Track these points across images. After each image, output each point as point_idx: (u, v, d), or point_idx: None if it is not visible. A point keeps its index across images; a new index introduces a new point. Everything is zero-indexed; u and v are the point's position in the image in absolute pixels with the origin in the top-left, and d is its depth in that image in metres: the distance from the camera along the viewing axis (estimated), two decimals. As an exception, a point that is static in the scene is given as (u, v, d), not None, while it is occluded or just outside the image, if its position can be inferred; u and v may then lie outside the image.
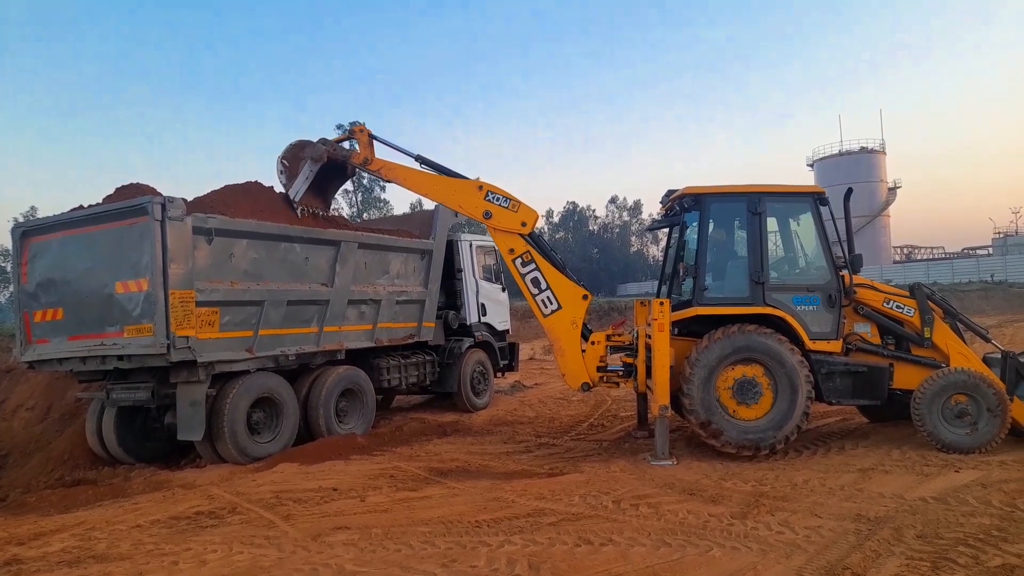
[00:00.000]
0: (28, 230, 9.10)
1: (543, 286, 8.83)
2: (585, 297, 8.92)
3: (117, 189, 9.25)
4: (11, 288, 10.27)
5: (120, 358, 8.27)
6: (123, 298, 8.12)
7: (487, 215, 8.96)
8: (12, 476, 9.44)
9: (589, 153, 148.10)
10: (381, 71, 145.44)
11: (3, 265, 60.70)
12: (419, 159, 9.58)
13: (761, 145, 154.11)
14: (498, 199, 8.99)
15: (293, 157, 10.00)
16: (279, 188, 10.11)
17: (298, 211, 9.78)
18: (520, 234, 8.95)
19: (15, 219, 52.92)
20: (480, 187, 9.12)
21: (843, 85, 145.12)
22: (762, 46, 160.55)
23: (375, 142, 9.91)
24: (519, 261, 8.92)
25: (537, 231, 9.24)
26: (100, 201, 8.95)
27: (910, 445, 8.05)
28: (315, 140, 10.02)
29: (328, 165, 10.02)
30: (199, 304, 8.16)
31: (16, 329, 9.21)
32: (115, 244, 8.22)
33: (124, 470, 8.84)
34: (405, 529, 5.67)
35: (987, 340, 8.85)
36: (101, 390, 9.11)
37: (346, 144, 10.29)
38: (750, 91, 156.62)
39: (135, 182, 9.35)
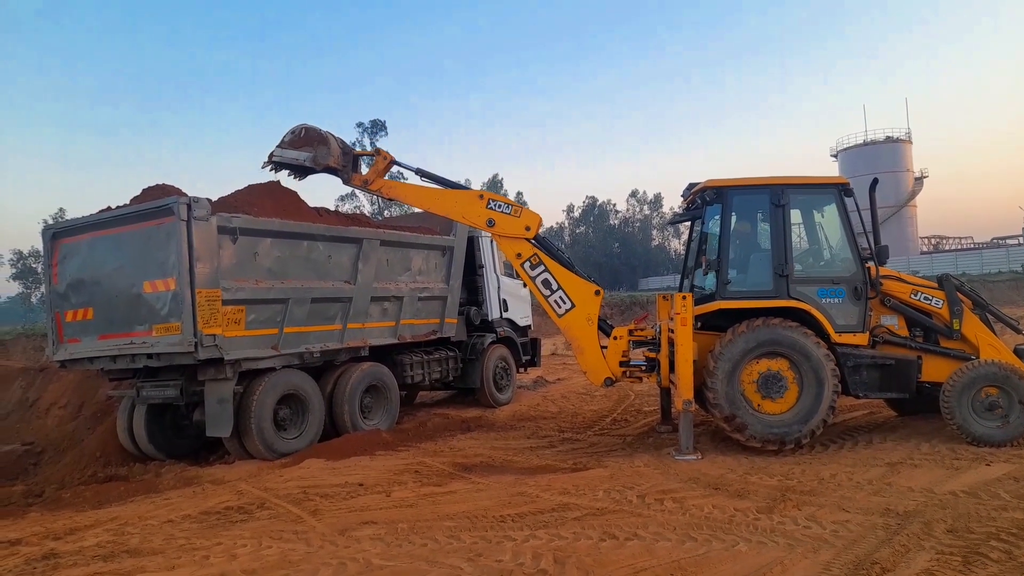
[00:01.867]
0: (58, 232, 9.29)
1: (554, 286, 8.82)
2: (597, 293, 8.89)
3: (144, 190, 9.40)
4: (43, 289, 10.43)
5: (149, 356, 8.43)
6: (151, 297, 8.27)
7: (490, 223, 8.96)
8: (47, 472, 9.65)
9: (609, 147, 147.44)
10: (397, 65, 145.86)
11: (35, 266, 61.88)
12: (419, 172, 9.45)
13: (784, 136, 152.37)
14: (500, 206, 8.99)
15: (305, 138, 9.50)
16: (298, 183, 9.89)
17: (267, 161, 9.35)
18: (525, 238, 8.96)
19: (45, 221, 53.92)
20: (481, 196, 9.14)
21: (868, 74, 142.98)
22: (784, 36, 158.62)
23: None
24: (527, 265, 8.91)
25: (553, 230, 9.23)
26: (127, 202, 9.10)
27: (939, 438, 7.94)
28: (339, 140, 9.59)
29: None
30: (225, 303, 8.28)
31: (48, 329, 9.41)
32: (142, 244, 8.36)
33: (155, 466, 9.01)
34: (431, 524, 5.72)
35: (1018, 331, 8.70)
36: (131, 388, 9.29)
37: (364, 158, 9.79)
38: (772, 81, 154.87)
39: (161, 183, 9.50)
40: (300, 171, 9.79)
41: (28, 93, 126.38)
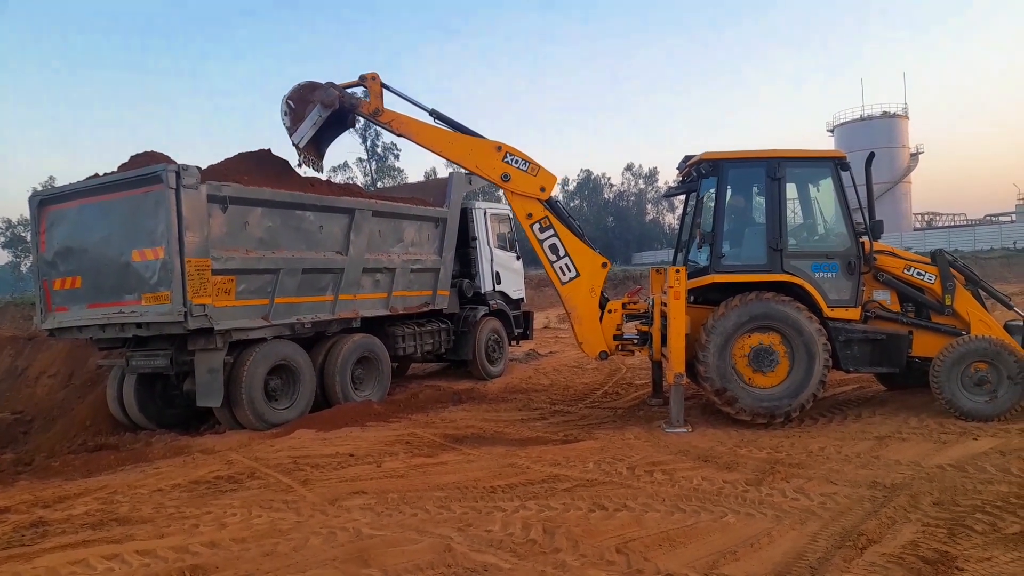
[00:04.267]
0: (45, 199, 9.15)
1: (561, 253, 8.73)
2: (604, 265, 8.83)
3: (132, 157, 9.22)
4: (32, 257, 10.33)
5: (138, 326, 8.37)
6: (140, 266, 8.18)
7: (505, 177, 8.76)
8: (36, 441, 9.64)
9: (604, 120, 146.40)
10: (386, 32, 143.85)
11: (24, 235, 61.43)
12: (433, 114, 9.10)
13: (780, 111, 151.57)
14: (517, 161, 8.77)
15: (300, 99, 9.27)
16: (286, 152, 9.74)
17: (300, 158, 9.30)
18: (538, 199, 8.81)
19: (33, 188, 53.39)
20: (499, 148, 8.84)
21: (866, 48, 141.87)
22: (781, 8, 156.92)
23: (387, 93, 9.27)
24: (537, 227, 8.78)
25: (555, 197, 9.09)
26: (115, 169, 8.95)
27: (928, 413, 7.99)
28: (324, 83, 9.29)
29: (332, 113, 9.29)
30: (215, 272, 8.20)
31: (36, 298, 9.32)
32: (131, 212, 8.25)
33: (145, 436, 8.99)
34: (421, 494, 5.73)
35: (1009, 307, 8.70)
36: (121, 357, 9.22)
37: (356, 91, 9.55)
38: (770, 55, 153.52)
39: (150, 150, 9.33)
40: (324, 137, 9.57)
41: (18, 60, 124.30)
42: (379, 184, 63.20)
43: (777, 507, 5.14)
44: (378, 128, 9.47)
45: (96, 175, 8.97)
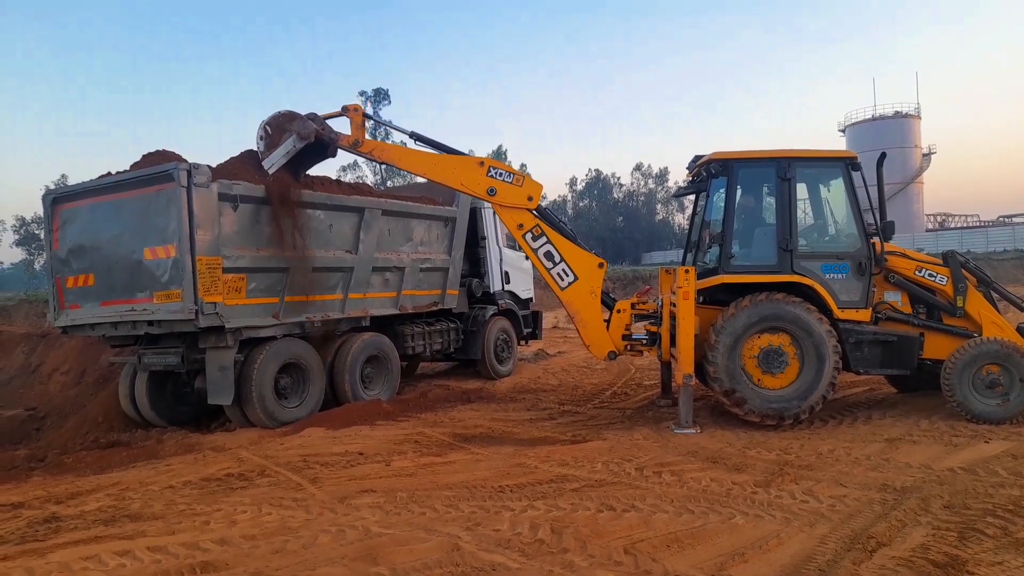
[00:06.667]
0: (58, 197, 9.22)
1: (557, 259, 8.72)
2: (601, 265, 8.82)
3: (144, 156, 9.27)
4: (45, 255, 10.41)
5: (150, 323, 8.42)
6: (152, 264, 8.24)
7: (491, 192, 8.75)
8: (49, 438, 9.71)
9: (614, 119, 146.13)
10: (394, 33, 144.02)
11: (37, 232, 61.92)
12: (414, 136, 9.17)
13: (791, 111, 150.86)
14: (501, 175, 8.77)
15: (278, 127, 9.28)
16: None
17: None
18: (527, 208, 8.81)
19: (46, 186, 53.71)
20: (481, 163, 8.88)
21: (878, 47, 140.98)
22: (794, 8, 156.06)
23: (367, 121, 9.34)
24: (529, 236, 8.77)
25: (556, 203, 9.09)
26: (128, 168, 9.01)
27: (939, 415, 7.94)
28: (304, 114, 9.32)
29: (311, 143, 9.30)
30: (226, 270, 8.25)
31: (50, 295, 9.40)
32: (143, 210, 8.31)
33: (157, 433, 9.05)
34: (430, 493, 5.74)
35: (1022, 310, 8.64)
36: (133, 355, 9.29)
37: (337, 120, 9.50)
38: (780, 55, 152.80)
39: (162, 149, 9.38)
40: (302, 162, 9.59)
41: (31, 57, 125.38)
42: (389, 183, 63.29)
43: (786, 509, 5.12)
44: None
45: (108, 173, 9.04)
